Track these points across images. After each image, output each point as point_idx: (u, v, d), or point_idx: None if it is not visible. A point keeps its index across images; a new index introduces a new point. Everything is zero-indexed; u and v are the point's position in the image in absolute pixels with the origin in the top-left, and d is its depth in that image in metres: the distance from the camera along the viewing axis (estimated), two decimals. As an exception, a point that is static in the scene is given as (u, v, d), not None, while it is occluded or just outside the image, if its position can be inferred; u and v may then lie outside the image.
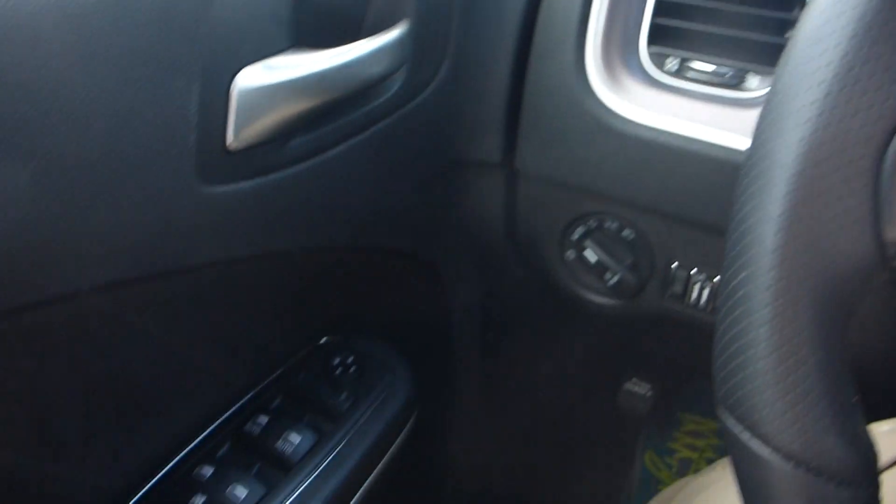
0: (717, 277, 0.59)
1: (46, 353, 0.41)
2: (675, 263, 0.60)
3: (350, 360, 0.64)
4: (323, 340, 0.67)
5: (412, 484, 0.78)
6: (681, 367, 1.07)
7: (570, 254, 0.64)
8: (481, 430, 0.82)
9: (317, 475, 0.55)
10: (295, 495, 0.54)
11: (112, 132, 0.36)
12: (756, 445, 0.30)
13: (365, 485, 0.59)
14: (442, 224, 0.65)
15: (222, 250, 0.46)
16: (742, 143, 0.51)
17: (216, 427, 0.58)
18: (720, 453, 1.05)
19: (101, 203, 0.37)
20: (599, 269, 0.62)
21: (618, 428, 1.14)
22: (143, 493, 0.52)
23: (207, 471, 0.54)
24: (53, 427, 0.46)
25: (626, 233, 0.61)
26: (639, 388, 1.03)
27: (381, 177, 0.55)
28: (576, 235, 0.63)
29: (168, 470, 0.54)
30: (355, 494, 0.58)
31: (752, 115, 0.46)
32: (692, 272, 0.60)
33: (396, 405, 0.62)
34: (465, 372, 0.76)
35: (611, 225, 0.61)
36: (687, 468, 1.06)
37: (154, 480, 0.53)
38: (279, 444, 0.56)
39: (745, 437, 0.30)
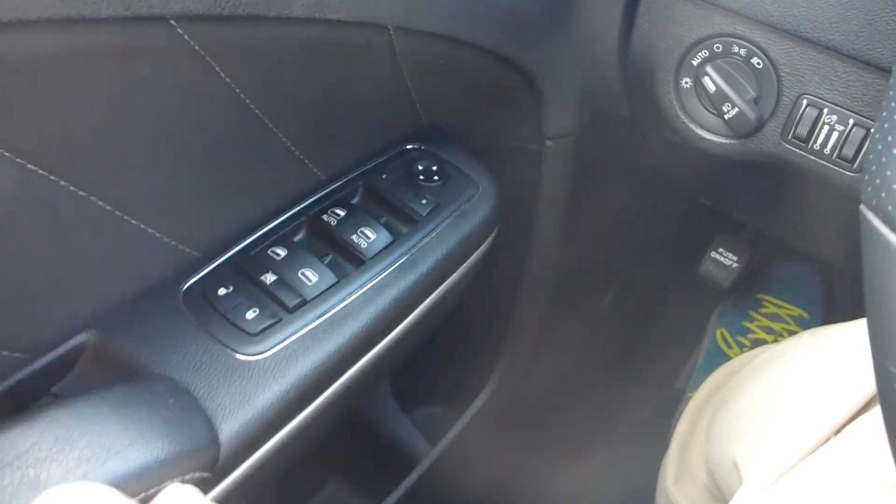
0: (852, 121, 0.53)
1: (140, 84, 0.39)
2: (805, 101, 0.54)
3: (434, 168, 0.61)
4: (409, 146, 0.64)
5: (483, 302, 0.77)
6: (771, 244, 1.02)
7: (687, 81, 0.58)
8: (556, 263, 0.80)
9: (389, 273, 0.54)
10: (365, 289, 0.53)
11: None
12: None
13: (436, 292, 0.58)
14: (549, 32, 0.60)
15: (318, 6, 0.42)
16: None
17: (293, 214, 0.56)
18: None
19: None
20: (717, 99, 0.56)
21: (693, 297, 1.11)
22: (219, 264, 0.52)
23: (281, 252, 0.53)
24: (140, 185, 0.45)
25: (755, 61, 0.55)
26: (725, 258, 0.99)
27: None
28: (696, 60, 0.57)
29: (243, 246, 0.54)
30: (425, 299, 0.57)
31: None
32: (823, 112, 0.53)
33: (477, 219, 0.60)
34: (547, 205, 0.73)
35: (738, 50, 0.55)
36: (759, 350, 1.02)
37: (229, 254, 0.53)
38: (354, 237, 0.55)
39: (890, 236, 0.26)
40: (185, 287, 0.50)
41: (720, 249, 0.99)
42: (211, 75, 0.43)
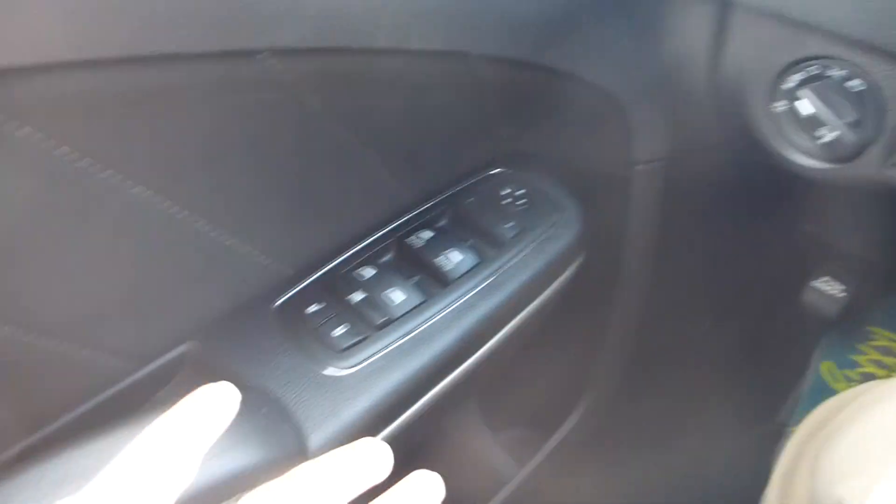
0: (960, 144, 0.50)
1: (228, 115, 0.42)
2: (910, 124, 0.52)
3: (520, 192, 0.62)
4: (495, 171, 0.65)
5: (569, 325, 0.77)
6: (881, 271, 0.97)
7: (780, 105, 0.57)
8: (648, 291, 0.78)
9: (474, 294, 0.55)
10: (450, 309, 0.54)
11: None
12: None
13: (521, 314, 0.58)
14: (637, 57, 0.60)
15: (401, 37, 0.44)
16: None
17: (381, 235, 0.58)
18: (911, 376, 0.95)
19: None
20: (814, 123, 0.55)
21: (796, 329, 1.06)
22: (309, 282, 0.54)
23: (369, 272, 0.55)
24: (238, 206, 0.48)
25: (854, 83, 0.53)
26: (830, 287, 0.94)
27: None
28: (790, 83, 0.56)
29: (333, 265, 0.56)
30: (510, 321, 0.58)
31: None
32: (930, 135, 0.51)
33: (562, 243, 0.60)
34: (636, 233, 0.72)
35: (836, 73, 0.53)
36: (869, 385, 0.97)
37: (319, 273, 0.55)
38: (440, 259, 0.56)
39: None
40: (278, 303, 0.53)
41: (825, 278, 0.95)
42: (302, 104, 0.45)
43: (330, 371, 0.49)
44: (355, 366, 0.50)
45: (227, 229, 0.48)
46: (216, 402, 0.31)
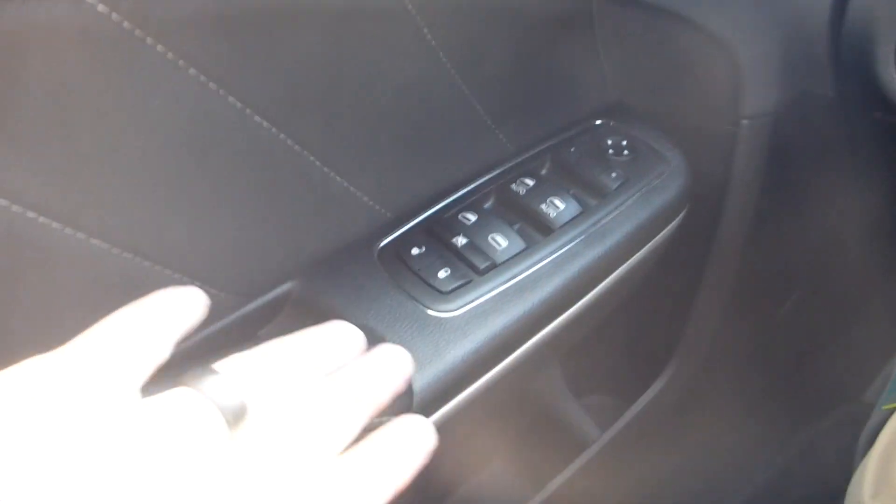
0: None
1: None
2: None
3: (624, 143, 0.60)
4: (599, 122, 0.63)
5: (663, 290, 0.75)
6: None
7: (911, 53, 0.54)
8: (743, 255, 0.76)
9: (577, 242, 0.54)
10: (553, 256, 0.53)
11: None
12: None
13: (624, 265, 0.57)
14: (754, 1, 0.57)
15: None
16: None
17: (484, 182, 0.57)
18: None
19: None
20: (948, 71, 0.52)
21: (889, 307, 1.02)
22: (412, 226, 0.54)
23: (471, 217, 0.54)
24: (347, 145, 0.47)
25: None
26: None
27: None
28: (924, 29, 0.52)
29: (436, 210, 0.55)
30: (612, 272, 0.56)
31: None
32: None
33: (667, 196, 0.58)
34: (740, 189, 0.69)
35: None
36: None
37: (422, 216, 0.55)
38: (543, 206, 0.55)
39: None
40: (381, 245, 0.53)
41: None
42: (420, 39, 0.44)
43: (433, 312, 0.49)
44: (459, 308, 0.49)
45: (336, 167, 0.47)
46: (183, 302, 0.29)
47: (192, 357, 0.43)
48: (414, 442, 0.28)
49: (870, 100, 0.58)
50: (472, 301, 0.50)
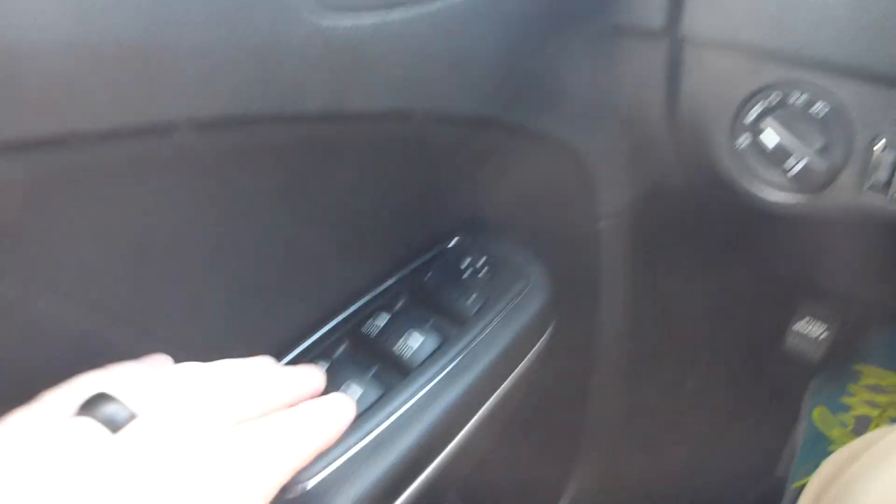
0: (940, 159, 0.47)
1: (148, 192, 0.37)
2: (882, 143, 0.48)
3: (481, 262, 0.57)
4: (453, 241, 0.60)
5: (552, 400, 0.71)
6: (862, 305, 0.94)
7: (744, 139, 0.53)
8: (628, 351, 0.73)
9: (438, 381, 0.49)
10: (414, 400, 0.48)
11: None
12: None
13: (493, 396, 0.52)
14: (591, 104, 0.56)
15: (336, 96, 0.39)
16: None
17: (333, 326, 0.52)
18: (906, 413, 0.91)
19: (194, 18, 0.32)
20: (780, 154, 0.51)
21: (782, 376, 1.02)
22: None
23: (322, 367, 0.49)
24: (166, 304, 0.42)
25: (818, 108, 0.50)
26: (812, 329, 0.91)
27: (522, 35, 0.47)
28: (752, 116, 0.52)
29: (284, 363, 0.50)
30: (481, 406, 0.52)
31: None
32: (905, 153, 0.48)
33: (530, 313, 0.55)
34: (609, 290, 0.68)
35: (797, 98, 0.50)
36: (865, 427, 0.92)
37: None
38: (398, 346, 0.51)
39: None
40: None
41: (805, 320, 0.92)
42: (226, 183, 0.40)
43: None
44: (308, 479, 0.43)
45: (156, 334, 0.41)
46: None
47: None
48: (321, 416, 0.34)
49: (715, 185, 0.57)
50: (324, 469, 0.43)
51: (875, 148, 0.49)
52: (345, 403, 0.35)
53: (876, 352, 0.97)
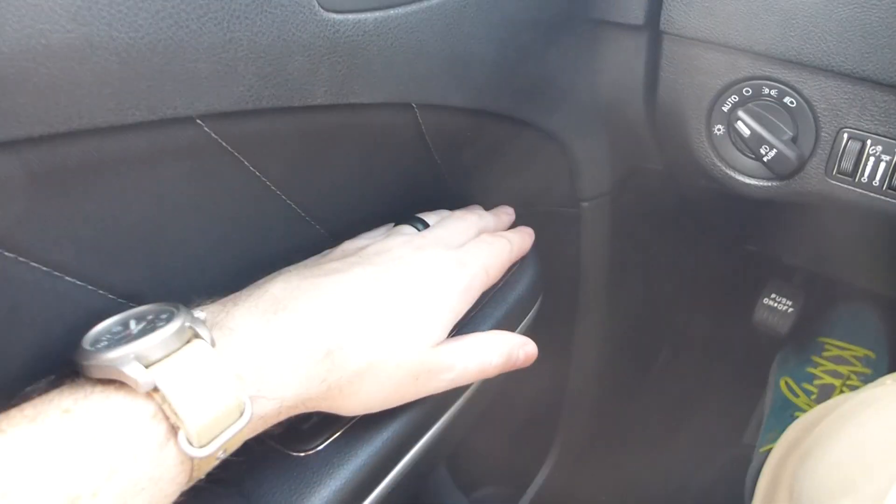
0: (898, 150, 0.51)
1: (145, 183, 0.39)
2: (846, 135, 0.52)
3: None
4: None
5: (534, 376, 0.75)
6: (827, 285, 0.98)
7: (719, 129, 0.57)
8: (606, 327, 0.77)
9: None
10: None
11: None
12: None
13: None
14: (575, 93, 0.60)
15: (339, 91, 0.42)
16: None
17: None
18: (865, 381, 0.96)
19: (210, 18, 0.34)
20: (754, 143, 0.55)
21: (751, 348, 1.07)
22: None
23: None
24: (178, 281, 0.45)
25: (788, 100, 0.54)
26: (779, 304, 0.95)
27: (513, 30, 0.50)
28: (727, 106, 0.56)
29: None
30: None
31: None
32: (867, 143, 0.52)
33: (521, 289, 0.58)
34: (591, 266, 0.71)
35: (769, 91, 0.54)
36: (828, 395, 0.97)
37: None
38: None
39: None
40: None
41: (773, 295, 0.96)
42: (239, 169, 0.43)
43: (293, 453, 0.46)
44: (319, 445, 0.47)
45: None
46: None
47: None
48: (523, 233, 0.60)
49: (692, 170, 0.61)
50: (332, 435, 0.47)
51: (840, 138, 0.53)
52: (531, 234, 0.60)
53: (839, 326, 1.03)
